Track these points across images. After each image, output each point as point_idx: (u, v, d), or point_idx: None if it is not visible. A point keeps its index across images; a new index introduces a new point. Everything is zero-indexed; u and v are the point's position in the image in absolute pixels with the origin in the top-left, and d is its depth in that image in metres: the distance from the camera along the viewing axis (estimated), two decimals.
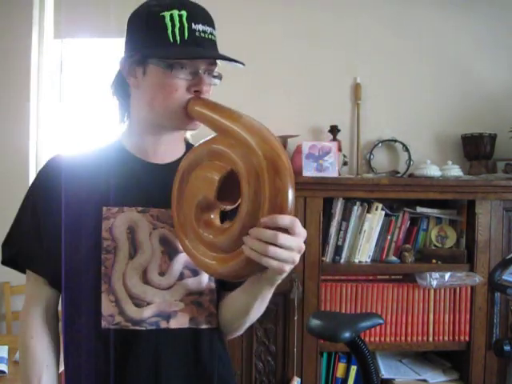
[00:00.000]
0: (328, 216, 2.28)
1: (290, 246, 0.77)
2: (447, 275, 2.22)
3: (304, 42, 2.61)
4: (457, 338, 2.27)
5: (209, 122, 0.91)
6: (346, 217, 2.30)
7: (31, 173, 2.71)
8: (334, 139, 2.49)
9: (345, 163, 2.52)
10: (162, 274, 0.97)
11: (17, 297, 2.65)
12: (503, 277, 1.71)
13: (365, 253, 2.31)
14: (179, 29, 0.92)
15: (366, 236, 2.30)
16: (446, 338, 2.27)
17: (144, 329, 0.95)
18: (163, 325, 0.97)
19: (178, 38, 0.91)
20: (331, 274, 2.28)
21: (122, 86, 1.02)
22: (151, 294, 0.96)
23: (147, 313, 0.96)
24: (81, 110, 2.88)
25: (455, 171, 2.37)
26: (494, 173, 2.50)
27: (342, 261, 2.30)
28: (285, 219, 0.76)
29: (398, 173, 2.49)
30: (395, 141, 2.57)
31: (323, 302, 2.24)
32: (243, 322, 1.02)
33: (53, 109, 2.86)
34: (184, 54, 0.92)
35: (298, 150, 2.31)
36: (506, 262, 1.79)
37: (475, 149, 2.51)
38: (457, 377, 2.31)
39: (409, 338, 2.27)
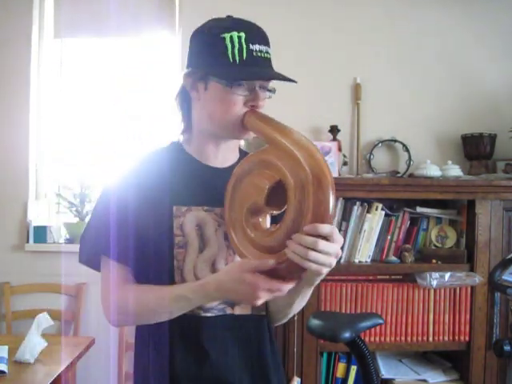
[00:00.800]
0: None
1: (328, 251, 0.89)
2: (447, 275, 2.22)
3: (304, 41, 2.61)
4: (457, 337, 2.27)
5: (262, 134, 1.02)
6: (345, 217, 2.30)
7: (31, 173, 2.72)
8: (334, 139, 2.49)
9: (345, 163, 2.52)
10: (213, 264, 1.09)
11: (17, 297, 2.65)
12: (503, 277, 1.71)
13: (365, 253, 2.31)
14: (238, 50, 1.03)
15: (366, 236, 2.30)
16: (446, 338, 2.27)
17: (213, 315, 1.08)
18: (229, 311, 1.10)
19: (237, 58, 1.02)
20: (331, 274, 2.25)
21: (185, 98, 1.12)
22: None
23: (215, 301, 1.07)
24: (81, 109, 2.88)
25: (455, 171, 2.37)
26: (494, 173, 2.50)
27: (342, 261, 2.30)
28: (325, 228, 0.88)
29: (398, 173, 2.49)
30: (395, 141, 2.57)
31: (323, 301, 2.24)
32: (286, 314, 1.18)
33: (53, 109, 2.86)
34: (243, 75, 1.03)
35: None
36: (506, 262, 1.78)
37: (475, 149, 2.51)
38: (457, 377, 2.31)
39: (409, 338, 2.27)
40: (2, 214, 2.69)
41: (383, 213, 2.32)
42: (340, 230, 2.29)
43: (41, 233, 2.66)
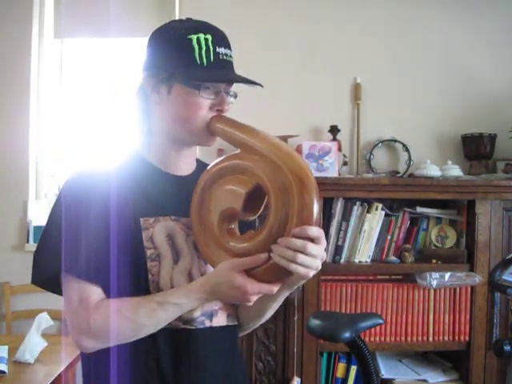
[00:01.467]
0: (328, 216, 2.28)
1: (315, 254, 0.88)
2: (447, 275, 2.22)
3: (304, 41, 2.61)
4: (457, 337, 2.27)
5: (232, 139, 0.99)
6: (346, 217, 2.30)
7: (31, 173, 2.72)
8: (334, 139, 2.49)
9: (345, 163, 2.52)
10: (202, 275, 1.04)
11: (17, 297, 2.65)
12: (503, 277, 1.70)
13: (365, 253, 2.31)
14: (206, 52, 0.99)
15: (366, 236, 2.30)
16: (446, 338, 2.27)
17: (194, 328, 1.03)
18: (207, 323, 1.05)
19: (204, 60, 0.99)
20: (331, 274, 2.28)
21: (144, 101, 1.06)
22: None
23: (196, 312, 1.03)
24: (81, 109, 2.88)
25: (455, 171, 2.37)
26: (494, 173, 2.50)
27: (342, 261, 2.30)
28: (314, 231, 0.87)
29: (398, 173, 2.49)
30: (395, 141, 2.57)
31: (323, 301, 2.24)
32: (257, 322, 1.17)
33: (53, 108, 2.86)
34: (214, 77, 1.01)
35: (298, 150, 2.31)
36: (506, 262, 1.78)
37: (475, 149, 2.51)
38: (457, 377, 2.31)
39: (409, 338, 2.27)
40: (2, 213, 2.69)
41: (383, 213, 2.32)
42: (340, 230, 2.29)
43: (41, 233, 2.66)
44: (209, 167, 1.02)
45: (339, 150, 2.44)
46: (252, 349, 2.20)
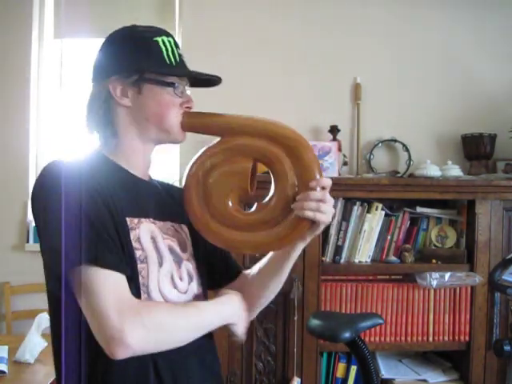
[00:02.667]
0: None
1: (331, 200, 1.00)
2: (447, 275, 2.22)
3: (304, 41, 2.61)
4: (457, 337, 2.27)
5: (212, 128, 1.04)
6: (346, 217, 2.30)
7: (31, 173, 2.72)
8: (334, 139, 2.49)
9: (345, 163, 2.52)
10: (180, 279, 1.06)
11: (17, 297, 2.65)
12: (503, 277, 1.71)
13: (365, 253, 2.31)
14: (172, 52, 1.05)
15: (366, 236, 2.30)
16: (446, 338, 2.27)
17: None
18: None
19: (172, 60, 1.05)
20: (331, 274, 2.28)
21: (107, 105, 1.05)
22: (180, 299, 1.04)
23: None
24: (81, 109, 2.88)
25: (455, 171, 2.37)
26: (494, 173, 2.50)
27: (342, 261, 2.30)
28: (326, 180, 0.99)
29: (398, 173, 2.49)
30: (395, 141, 2.57)
31: (323, 301, 2.24)
32: (278, 287, 1.19)
33: (53, 108, 2.86)
34: (188, 73, 1.07)
35: None
36: (506, 262, 1.78)
37: (475, 149, 2.51)
38: (457, 377, 2.31)
39: (409, 338, 2.27)
40: (2, 213, 2.69)
41: (383, 213, 2.32)
42: (340, 230, 2.29)
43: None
44: (192, 164, 1.04)
45: (339, 149, 2.44)
46: (252, 349, 2.20)
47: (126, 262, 0.93)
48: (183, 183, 1.05)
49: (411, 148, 2.55)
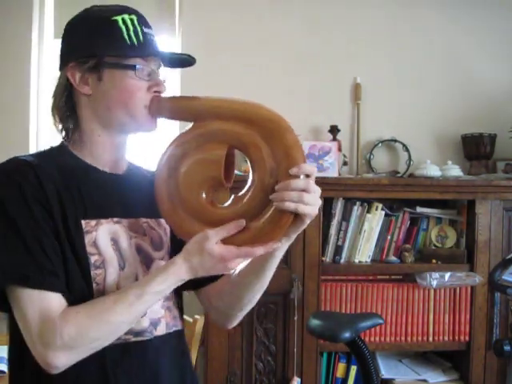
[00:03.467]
0: (328, 216, 2.28)
1: (317, 189, 0.86)
2: (447, 275, 2.22)
3: (304, 41, 2.61)
4: (457, 337, 2.27)
5: (184, 113, 0.95)
6: (346, 217, 2.30)
7: None
8: (334, 139, 2.49)
9: (345, 163, 2.52)
10: None
11: None
12: (503, 277, 1.71)
13: (365, 253, 2.31)
14: (134, 32, 0.95)
15: (366, 236, 2.30)
16: (446, 338, 2.27)
17: (146, 339, 0.97)
18: (154, 333, 0.99)
19: (134, 39, 0.95)
20: (331, 274, 2.27)
21: (68, 96, 0.99)
22: None
23: (145, 322, 0.97)
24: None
25: (455, 171, 2.37)
26: (494, 173, 2.50)
27: (342, 261, 2.30)
28: (310, 167, 0.85)
29: (398, 173, 2.49)
30: (395, 141, 2.57)
31: (323, 301, 2.23)
32: (262, 288, 1.06)
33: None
34: (154, 53, 0.97)
35: None
36: (506, 262, 1.78)
37: (475, 149, 2.51)
38: (457, 377, 2.31)
39: (409, 338, 2.27)
40: None
41: (383, 213, 2.32)
42: (340, 230, 2.29)
43: None
44: (163, 153, 0.95)
45: (339, 150, 2.44)
46: (252, 349, 2.20)
47: (61, 275, 0.87)
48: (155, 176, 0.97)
49: (411, 148, 2.55)
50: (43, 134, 2.83)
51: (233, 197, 0.92)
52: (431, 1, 2.64)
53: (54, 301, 0.86)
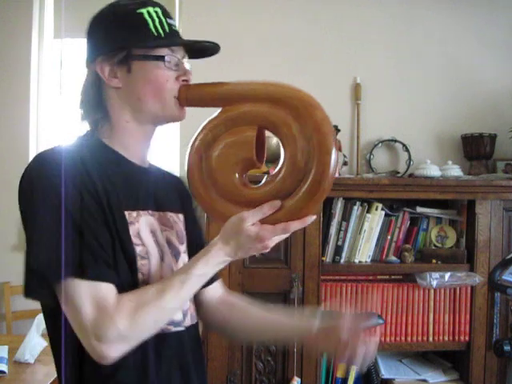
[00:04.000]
0: (328, 216, 2.28)
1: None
2: (447, 275, 2.22)
3: (304, 41, 2.61)
4: (457, 337, 2.27)
5: (212, 100, 0.96)
6: (345, 217, 2.30)
7: None
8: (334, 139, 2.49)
9: (345, 163, 2.52)
10: None
11: (17, 297, 2.65)
12: (503, 277, 1.70)
13: (365, 253, 2.31)
14: (159, 23, 0.97)
15: (366, 236, 2.30)
16: (446, 338, 2.27)
17: (182, 329, 1.01)
18: (186, 323, 1.02)
19: (160, 31, 0.96)
20: (331, 274, 2.27)
21: (98, 90, 0.99)
22: None
23: (180, 313, 1.01)
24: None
25: (455, 171, 2.37)
26: (494, 173, 2.50)
27: (342, 261, 2.30)
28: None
29: (398, 173, 2.49)
30: (395, 141, 2.57)
31: (323, 302, 2.23)
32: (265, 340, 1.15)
33: (53, 109, 2.86)
34: (180, 42, 0.99)
35: None
36: (506, 262, 1.78)
37: (475, 149, 2.51)
38: (457, 377, 2.31)
39: (409, 338, 2.27)
40: (2, 213, 2.69)
41: (383, 213, 2.32)
42: (340, 230, 2.29)
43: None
44: (193, 140, 0.97)
45: (339, 150, 2.44)
46: (252, 349, 2.20)
47: (114, 266, 0.88)
48: (185, 163, 0.98)
49: (411, 148, 2.55)
50: (43, 133, 2.83)
51: (265, 177, 0.94)
52: (432, 1, 2.64)
53: (110, 292, 0.86)
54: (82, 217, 0.86)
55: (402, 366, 2.37)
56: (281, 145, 0.92)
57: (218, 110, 0.97)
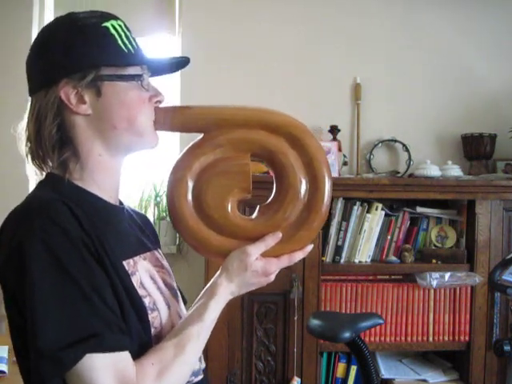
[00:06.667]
0: (328, 216, 2.27)
1: None
2: (447, 275, 2.22)
3: (304, 41, 2.61)
4: (457, 337, 2.27)
5: (196, 124, 0.89)
6: (345, 217, 2.30)
7: (31, 174, 2.71)
8: (334, 139, 2.49)
9: (345, 163, 2.52)
10: (181, 317, 0.94)
11: None
12: (503, 277, 1.71)
13: (365, 253, 2.30)
14: (126, 38, 0.86)
15: (366, 236, 2.30)
16: (446, 338, 2.27)
17: (202, 377, 0.95)
18: (201, 368, 0.96)
19: (129, 47, 0.86)
20: (331, 274, 2.27)
21: (61, 121, 0.85)
22: None
23: (197, 362, 0.93)
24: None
25: (455, 171, 2.37)
26: (494, 173, 2.50)
27: (342, 261, 2.30)
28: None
29: (398, 173, 2.49)
30: (395, 141, 2.57)
31: (323, 301, 2.24)
32: None
33: None
34: (159, 61, 0.90)
35: None
36: (506, 262, 1.79)
37: (475, 149, 2.51)
38: (457, 377, 2.31)
39: (409, 338, 2.27)
40: (2, 214, 2.69)
41: (383, 213, 2.32)
42: (340, 230, 2.29)
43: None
44: (175, 169, 0.89)
45: (339, 150, 2.44)
46: (252, 349, 2.20)
47: (127, 328, 0.78)
48: (166, 193, 0.91)
49: (411, 148, 2.55)
50: None
51: (258, 207, 0.90)
52: (432, 1, 2.64)
53: (128, 360, 0.76)
54: (88, 280, 0.75)
55: (402, 366, 2.37)
56: (274, 174, 0.89)
57: (198, 135, 0.91)
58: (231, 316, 2.14)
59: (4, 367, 1.79)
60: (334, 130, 2.51)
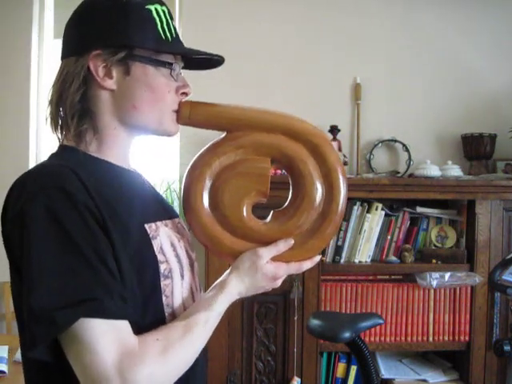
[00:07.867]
0: None
1: None
2: (447, 275, 2.22)
3: (304, 41, 2.61)
4: (457, 337, 2.27)
5: (219, 122, 0.89)
6: (345, 217, 2.30)
7: None
8: (334, 139, 2.49)
9: (345, 163, 2.52)
10: (196, 289, 0.94)
11: None
12: (503, 277, 1.71)
13: (365, 253, 2.31)
14: (167, 25, 0.86)
15: (366, 236, 2.30)
16: (446, 338, 2.27)
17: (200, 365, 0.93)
18: None
19: (168, 34, 0.86)
20: (331, 274, 2.27)
21: (85, 90, 0.84)
22: None
23: None
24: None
25: (455, 171, 2.37)
26: (494, 173, 2.50)
27: (342, 261, 2.30)
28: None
29: (398, 173, 2.49)
30: (395, 141, 2.57)
31: (323, 301, 2.24)
32: None
33: None
34: (193, 52, 0.88)
35: None
36: (506, 262, 1.79)
37: (475, 149, 2.51)
38: (457, 377, 2.31)
39: (409, 338, 2.27)
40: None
41: (383, 213, 2.32)
42: (340, 230, 2.29)
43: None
44: (195, 164, 0.89)
45: (339, 150, 2.45)
46: (252, 349, 2.20)
47: (127, 296, 0.75)
48: (182, 188, 0.91)
49: (411, 148, 2.55)
50: (43, 134, 2.84)
51: (272, 212, 0.91)
52: (432, 1, 2.64)
53: (129, 331, 0.74)
54: (90, 244, 0.73)
55: (402, 366, 2.37)
56: (292, 180, 0.89)
57: (220, 133, 0.90)
58: (231, 316, 2.14)
59: (4, 367, 1.79)
60: (334, 130, 2.51)
